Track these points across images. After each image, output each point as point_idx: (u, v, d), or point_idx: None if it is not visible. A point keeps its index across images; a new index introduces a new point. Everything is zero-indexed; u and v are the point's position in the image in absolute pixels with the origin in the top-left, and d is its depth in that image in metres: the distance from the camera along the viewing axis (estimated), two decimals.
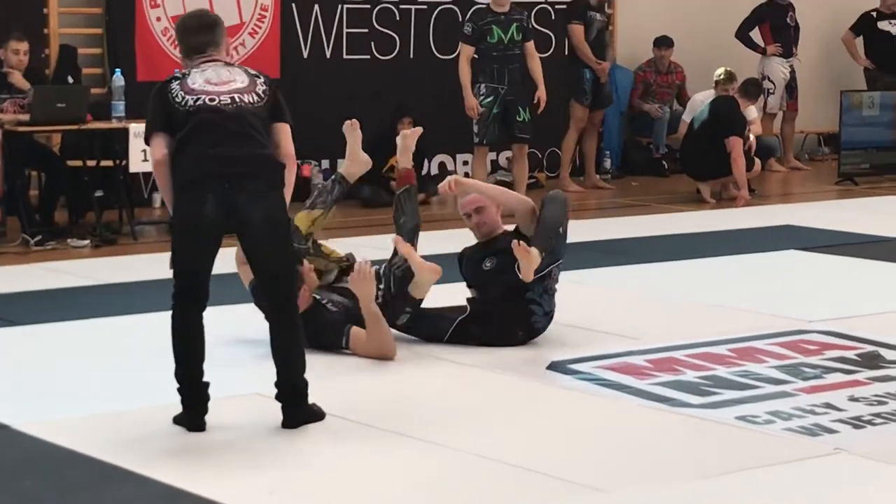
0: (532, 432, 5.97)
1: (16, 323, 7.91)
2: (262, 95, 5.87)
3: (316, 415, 6.00)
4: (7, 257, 10.01)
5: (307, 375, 5.96)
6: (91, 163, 11.00)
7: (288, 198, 5.91)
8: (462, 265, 7.55)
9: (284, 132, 5.95)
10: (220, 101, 5.75)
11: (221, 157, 5.73)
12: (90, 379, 6.76)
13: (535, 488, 5.25)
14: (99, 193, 11.04)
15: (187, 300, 5.88)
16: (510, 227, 7.50)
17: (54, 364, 7.05)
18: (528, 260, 6.85)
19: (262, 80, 5.95)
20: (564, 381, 6.73)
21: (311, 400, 6.02)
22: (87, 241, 10.46)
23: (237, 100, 5.78)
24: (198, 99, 5.74)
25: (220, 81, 5.84)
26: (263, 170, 5.82)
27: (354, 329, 7.08)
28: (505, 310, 7.25)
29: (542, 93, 11.74)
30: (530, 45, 11.73)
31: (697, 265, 9.89)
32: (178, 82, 5.84)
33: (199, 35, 6.01)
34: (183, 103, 5.75)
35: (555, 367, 6.87)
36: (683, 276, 9.44)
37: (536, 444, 5.80)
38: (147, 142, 5.97)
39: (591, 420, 6.18)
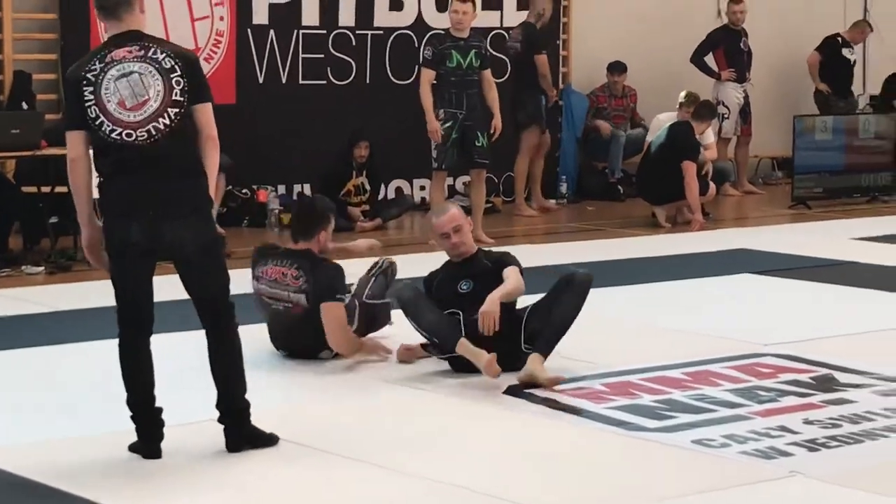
0: (489, 457, 5.96)
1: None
2: (180, 99, 5.74)
3: (265, 439, 5.99)
4: None
5: (248, 396, 5.99)
6: (46, 189, 10.93)
7: (212, 183, 5.88)
8: (433, 287, 7.46)
9: (204, 112, 5.83)
10: (136, 136, 5.68)
11: (145, 194, 5.74)
12: (44, 405, 6.75)
13: None
14: (54, 220, 10.99)
15: (131, 326, 5.89)
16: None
17: (5, 390, 7.05)
18: (525, 380, 6.98)
19: (177, 73, 5.75)
20: (521, 405, 6.70)
21: (266, 428, 6.03)
22: (41, 268, 10.41)
23: (153, 132, 5.69)
24: (113, 130, 5.68)
25: (135, 105, 5.69)
26: (186, 198, 5.81)
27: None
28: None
29: (497, 122, 11.76)
30: (487, 73, 11.73)
31: (652, 289, 9.89)
32: (90, 88, 5.71)
33: None
34: (99, 125, 5.70)
35: (511, 391, 6.86)
36: (638, 299, 9.43)
37: (493, 469, 5.79)
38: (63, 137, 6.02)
39: (548, 445, 6.16)
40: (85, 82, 5.69)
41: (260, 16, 13.17)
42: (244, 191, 12.66)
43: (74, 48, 12.19)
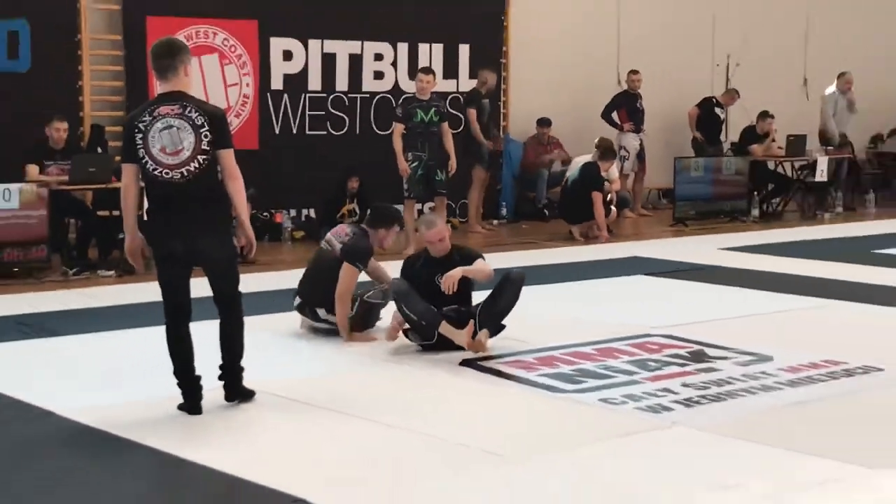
0: (449, 413, 6.03)
1: (58, 334, 7.87)
2: (207, 148, 5.75)
3: (248, 394, 6.08)
4: (51, 284, 9.84)
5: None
6: (115, 213, 10.87)
7: (241, 209, 5.95)
8: (411, 272, 7.39)
9: (226, 157, 5.81)
10: (172, 175, 5.73)
11: (183, 219, 5.83)
12: (118, 375, 6.73)
13: (451, 454, 5.32)
14: (121, 236, 10.94)
15: (174, 316, 5.98)
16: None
17: (90, 364, 7.05)
18: (475, 348, 7.08)
19: (206, 128, 5.76)
20: (473, 374, 6.73)
21: (283, 392, 6.16)
22: (112, 272, 10.30)
23: (185, 173, 5.74)
24: (156, 169, 5.75)
25: (173, 151, 5.72)
26: (211, 222, 5.90)
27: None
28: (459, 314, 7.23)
29: (453, 163, 11.77)
30: (445, 125, 11.76)
31: (570, 287, 9.80)
32: (140, 135, 5.74)
33: (161, 60, 5.87)
34: (144, 163, 5.76)
35: (466, 363, 6.88)
36: (559, 295, 9.32)
37: (453, 421, 5.84)
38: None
39: (494, 403, 6.22)
40: (136, 129, 5.74)
41: (276, 83, 13.07)
42: (265, 213, 12.57)
43: (136, 106, 12.15)
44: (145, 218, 6.04)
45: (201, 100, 6.16)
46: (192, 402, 5.91)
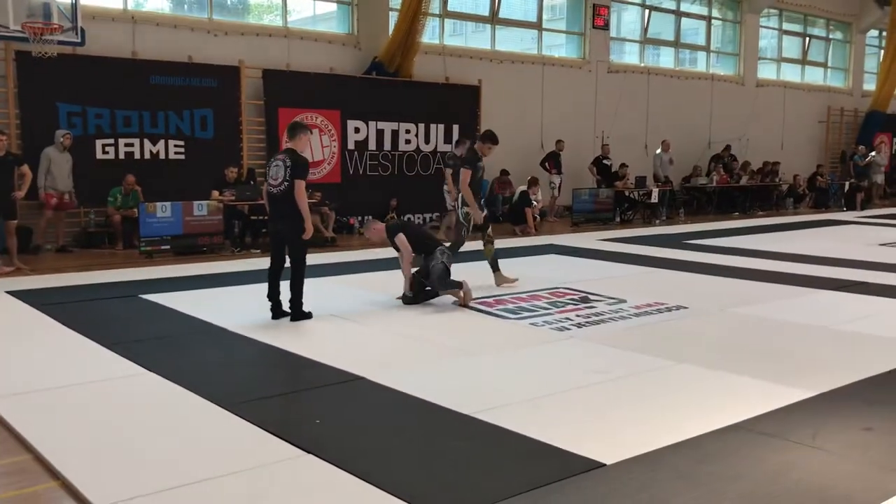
0: (441, 328, 5.95)
1: (227, 285, 7.77)
2: (288, 179, 5.94)
3: (307, 315, 6.15)
4: (224, 257, 9.82)
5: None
6: (260, 217, 10.92)
7: (304, 213, 5.97)
8: (403, 233, 6.76)
9: (298, 185, 5.93)
10: (273, 190, 6.05)
11: (274, 213, 6.11)
12: (251, 306, 6.51)
13: (441, 351, 5.25)
14: (264, 230, 11.01)
15: (273, 265, 6.19)
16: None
17: (241, 301, 6.86)
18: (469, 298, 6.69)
19: (289, 167, 5.94)
20: (458, 310, 6.60)
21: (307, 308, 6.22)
22: (258, 251, 10.14)
23: (276, 192, 6.03)
24: (270, 186, 6.08)
25: (274, 179, 6.02)
26: (290, 215, 5.99)
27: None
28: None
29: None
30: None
31: (514, 261, 9.24)
32: (267, 168, 6.15)
33: (291, 130, 6.14)
34: (267, 182, 6.14)
35: (454, 304, 6.77)
36: (508, 265, 8.86)
37: (443, 332, 5.77)
38: None
39: (468, 324, 6.14)
40: (268, 165, 6.19)
41: (350, 145, 12.84)
42: (343, 218, 12.48)
43: (273, 153, 12.25)
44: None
45: (298, 153, 6.08)
46: (276, 312, 6.17)
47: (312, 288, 6.99)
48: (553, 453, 3.47)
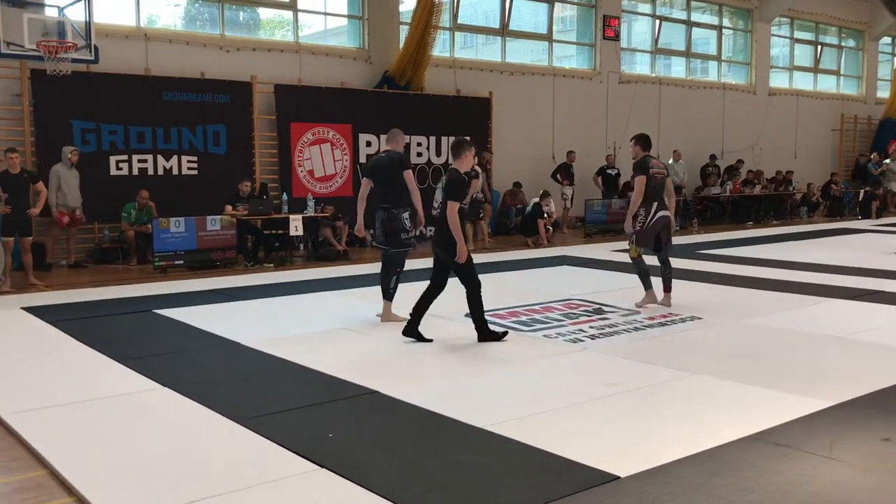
0: (462, 341, 5.97)
1: (240, 299, 7.81)
2: (442, 200, 5.68)
3: (494, 335, 5.86)
4: (237, 271, 9.90)
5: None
6: (274, 231, 11.01)
7: (455, 234, 5.57)
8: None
9: (450, 207, 5.57)
10: (434, 213, 6.05)
11: (434, 234, 5.92)
12: (271, 321, 6.63)
13: (447, 363, 5.29)
14: (277, 244, 11.08)
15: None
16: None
17: (258, 316, 6.96)
18: None
19: (443, 195, 5.71)
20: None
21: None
22: (272, 265, 10.33)
23: (436, 214, 6.00)
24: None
25: (436, 201, 6.05)
26: (446, 238, 5.66)
27: None
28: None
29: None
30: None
31: (526, 272, 9.55)
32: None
33: (452, 151, 5.82)
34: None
35: (467, 315, 6.77)
36: (521, 277, 9.15)
37: (460, 342, 5.85)
38: None
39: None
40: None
41: (362, 158, 12.63)
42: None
43: (285, 170, 12.29)
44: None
45: (456, 171, 5.72)
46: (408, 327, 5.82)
47: (325, 301, 7.05)
48: (567, 466, 3.46)
